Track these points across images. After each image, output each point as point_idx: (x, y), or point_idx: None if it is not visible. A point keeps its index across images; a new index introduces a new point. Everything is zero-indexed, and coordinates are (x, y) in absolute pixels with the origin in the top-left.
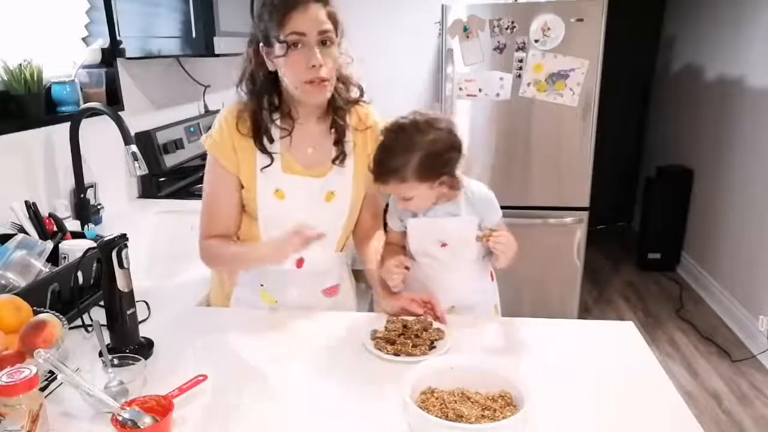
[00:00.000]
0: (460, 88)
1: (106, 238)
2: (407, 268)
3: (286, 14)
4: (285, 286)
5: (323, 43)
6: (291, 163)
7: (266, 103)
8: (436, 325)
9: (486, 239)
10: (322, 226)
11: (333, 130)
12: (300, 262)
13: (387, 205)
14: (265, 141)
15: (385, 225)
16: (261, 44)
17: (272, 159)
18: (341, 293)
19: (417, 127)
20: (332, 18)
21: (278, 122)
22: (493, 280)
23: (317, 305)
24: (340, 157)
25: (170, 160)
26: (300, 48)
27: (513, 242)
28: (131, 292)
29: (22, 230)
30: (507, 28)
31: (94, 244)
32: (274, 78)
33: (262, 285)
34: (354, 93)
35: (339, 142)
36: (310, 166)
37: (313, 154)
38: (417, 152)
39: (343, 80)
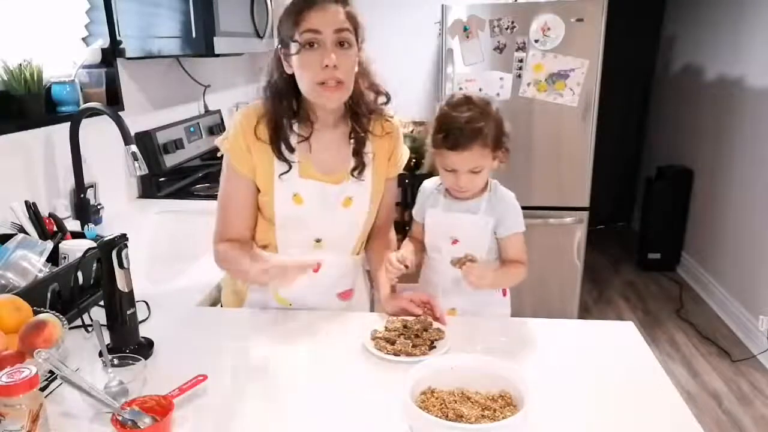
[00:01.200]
0: (460, 88)
1: (106, 238)
2: (407, 266)
3: (303, 12)
4: (300, 290)
5: (340, 44)
6: (308, 167)
7: (285, 107)
8: (436, 325)
9: (459, 265)
10: (339, 232)
11: (352, 140)
12: (317, 267)
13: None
14: (284, 149)
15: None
16: (280, 47)
17: (290, 166)
18: (355, 297)
19: (483, 99)
20: (352, 19)
21: (296, 127)
22: (505, 295)
23: (331, 308)
24: (359, 168)
25: (170, 160)
26: (315, 48)
27: (488, 278)
28: (131, 292)
29: (22, 230)
30: (507, 28)
31: (94, 244)
32: (293, 81)
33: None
34: (381, 100)
35: (358, 152)
36: (327, 171)
37: (330, 160)
38: (492, 119)
39: (370, 86)
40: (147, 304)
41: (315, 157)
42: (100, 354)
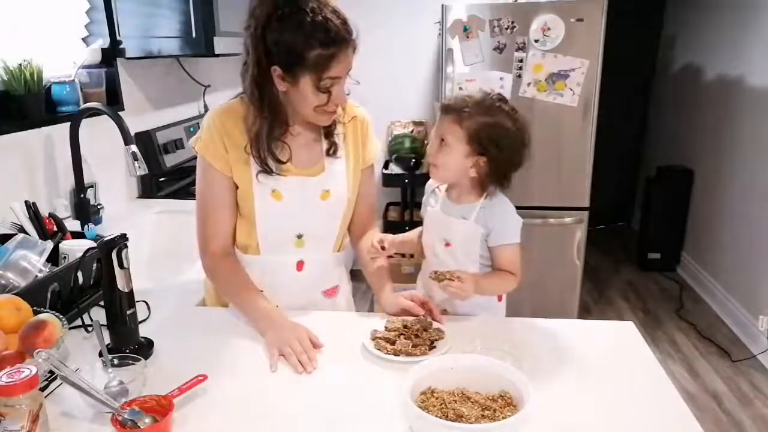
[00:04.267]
0: (460, 88)
1: (106, 238)
2: (383, 248)
3: (327, 63)
4: (286, 291)
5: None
6: (286, 164)
7: (266, 114)
8: (436, 325)
9: (438, 280)
10: (319, 225)
11: (322, 126)
12: (300, 265)
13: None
14: (270, 161)
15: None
16: (274, 67)
17: (270, 170)
18: (340, 294)
19: (505, 106)
20: (355, 51)
21: (275, 131)
22: (500, 301)
23: (317, 307)
24: (332, 148)
25: (170, 160)
26: (331, 87)
27: (468, 292)
28: (131, 292)
29: (22, 230)
30: (507, 28)
31: (94, 244)
32: (275, 91)
33: (261, 291)
34: None
35: (329, 134)
36: (304, 165)
37: (306, 155)
38: (487, 117)
39: None
40: (147, 304)
41: (292, 154)
42: (100, 354)
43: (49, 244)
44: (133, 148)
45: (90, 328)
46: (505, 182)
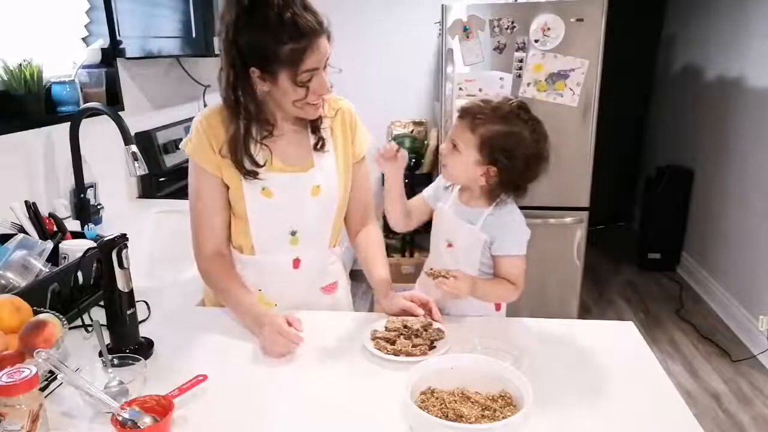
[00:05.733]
0: (460, 88)
1: (106, 238)
2: (398, 152)
3: (301, 56)
4: (284, 289)
5: (324, 66)
6: (274, 161)
7: (244, 117)
8: (436, 324)
9: (433, 276)
10: (312, 221)
11: (309, 121)
12: (296, 263)
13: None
14: (248, 165)
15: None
16: (253, 68)
17: (256, 172)
18: (339, 290)
19: (524, 115)
20: (330, 39)
21: (254, 132)
22: (499, 310)
23: (317, 304)
24: (320, 142)
25: (170, 160)
26: (311, 80)
27: (461, 291)
28: (131, 292)
29: (22, 230)
30: (507, 28)
31: (94, 244)
32: (255, 93)
33: (260, 290)
34: None
35: (316, 129)
36: (293, 161)
37: (294, 152)
38: (502, 126)
39: None
40: (147, 304)
41: (279, 152)
42: (100, 354)
43: (49, 244)
44: (133, 148)
45: (90, 328)
46: (518, 193)
